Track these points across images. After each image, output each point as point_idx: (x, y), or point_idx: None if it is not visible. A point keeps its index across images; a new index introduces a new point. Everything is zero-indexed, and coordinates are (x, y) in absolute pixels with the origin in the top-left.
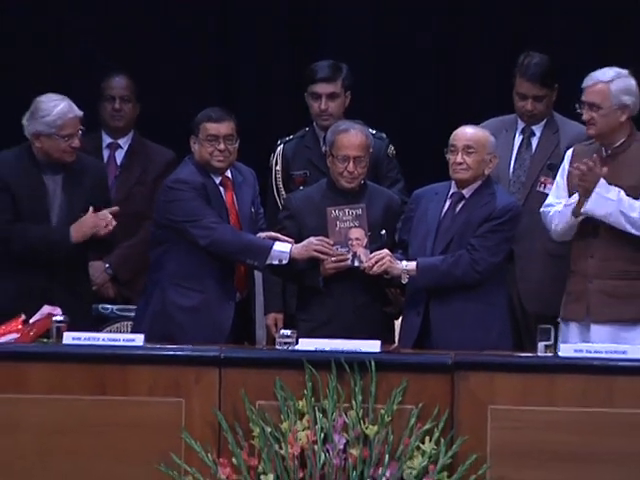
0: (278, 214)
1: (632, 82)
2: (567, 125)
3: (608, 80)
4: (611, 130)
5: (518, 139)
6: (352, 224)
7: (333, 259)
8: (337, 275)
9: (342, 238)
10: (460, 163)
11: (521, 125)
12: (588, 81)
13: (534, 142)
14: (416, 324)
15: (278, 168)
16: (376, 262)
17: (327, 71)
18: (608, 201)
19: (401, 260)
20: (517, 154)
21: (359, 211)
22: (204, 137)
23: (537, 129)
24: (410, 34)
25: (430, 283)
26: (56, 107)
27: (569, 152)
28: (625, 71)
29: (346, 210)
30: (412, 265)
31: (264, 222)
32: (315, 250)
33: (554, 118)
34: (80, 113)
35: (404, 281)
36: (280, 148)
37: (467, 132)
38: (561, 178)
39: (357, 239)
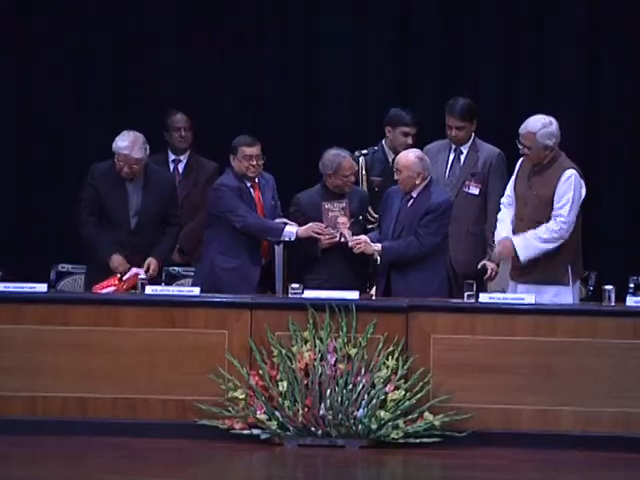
0: (289, 209)
1: (553, 128)
2: (483, 147)
3: (535, 131)
4: (540, 160)
5: (451, 155)
6: (339, 214)
7: (327, 237)
8: (331, 249)
9: (332, 223)
10: (397, 179)
11: (453, 146)
12: (522, 130)
13: (462, 158)
14: (383, 284)
15: (364, 172)
16: (357, 244)
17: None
18: (530, 249)
19: (377, 238)
20: (450, 166)
21: (343, 204)
22: (242, 156)
23: (464, 149)
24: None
25: (392, 260)
26: (117, 142)
27: (519, 161)
28: (549, 119)
29: (334, 204)
30: (379, 247)
31: (280, 210)
32: (313, 231)
33: (475, 142)
34: (134, 155)
35: (376, 257)
36: (362, 159)
37: (399, 159)
38: (513, 180)
39: (343, 223)
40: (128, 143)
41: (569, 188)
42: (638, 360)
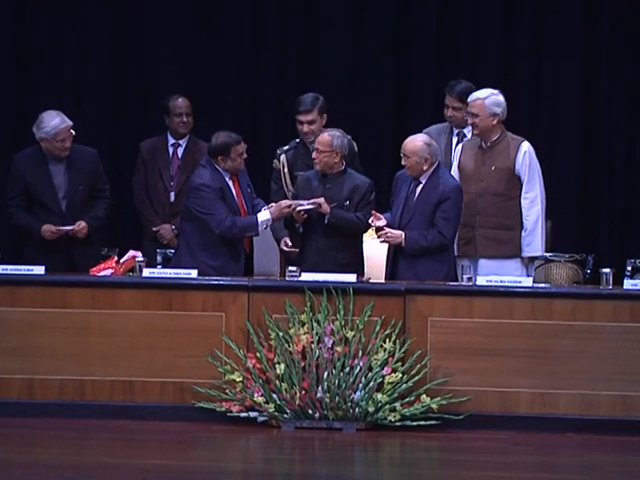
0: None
1: (501, 99)
2: None
3: (484, 97)
4: (487, 130)
5: (454, 139)
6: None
7: (299, 208)
8: (310, 225)
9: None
10: (405, 164)
11: (456, 130)
12: (471, 98)
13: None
14: (389, 271)
15: (285, 170)
16: (379, 235)
17: (307, 104)
18: (533, 245)
19: (390, 218)
20: (455, 149)
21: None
22: (237, 154)
23: (467, 133)
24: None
25: (415, 251)
26: (52, 121)
27: (459, 147)
28: (496, 91)
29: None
30: (402, 236)
31: (255, 195)
32: (283, 209)
33: None
34: (70, 123)
35: (403, 245)
36: (283, 156)
37: (406, 144)
38: (457, 169)
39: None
40: (59, 118)
41: (532, 161)
42: (635, 343)
